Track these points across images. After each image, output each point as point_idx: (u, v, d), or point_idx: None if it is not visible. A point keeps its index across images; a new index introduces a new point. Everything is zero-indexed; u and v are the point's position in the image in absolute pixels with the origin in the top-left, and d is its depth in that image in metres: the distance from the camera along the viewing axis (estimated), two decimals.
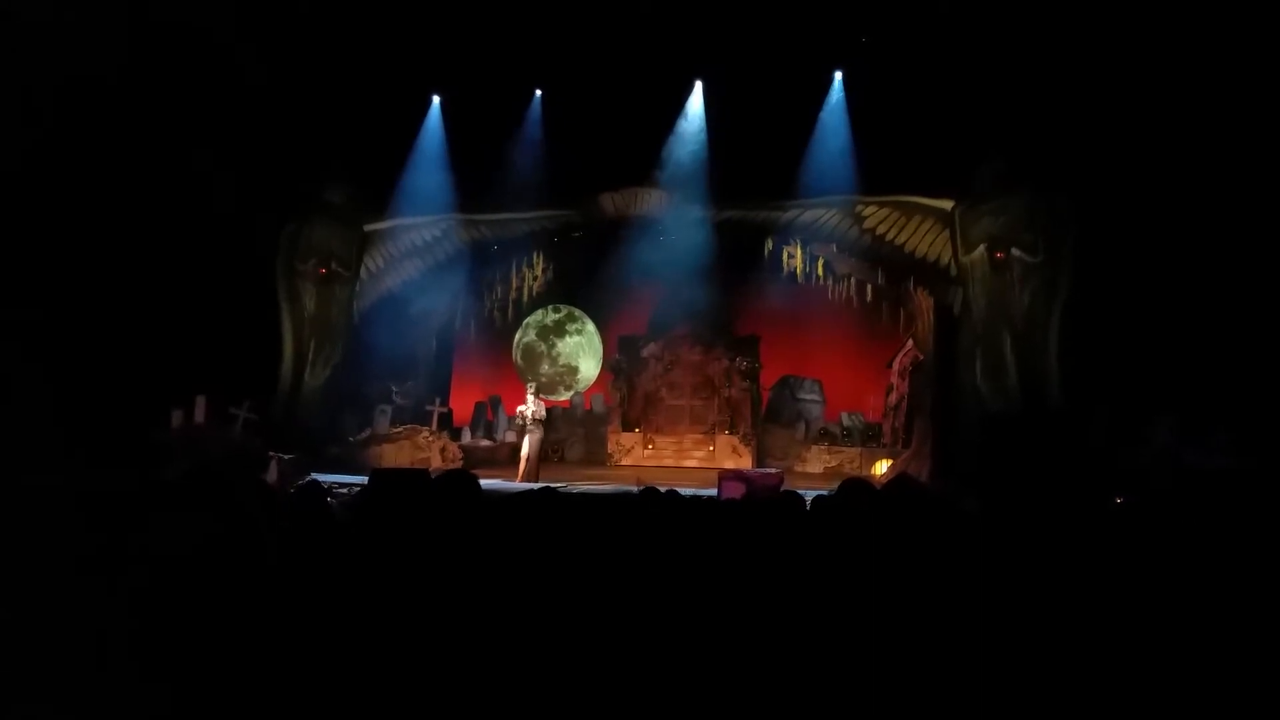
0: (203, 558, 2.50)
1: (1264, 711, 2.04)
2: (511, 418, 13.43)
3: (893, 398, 14.15)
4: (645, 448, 14.72)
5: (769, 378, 15.33)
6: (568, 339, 17.42)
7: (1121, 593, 2.40)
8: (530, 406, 11.79)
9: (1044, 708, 2.13)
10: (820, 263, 12.81)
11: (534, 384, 12.64)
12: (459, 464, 13.23)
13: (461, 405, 15.53)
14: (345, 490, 8.32)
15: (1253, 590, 2.34)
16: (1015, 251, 10.65)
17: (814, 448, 14.32)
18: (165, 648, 2.21)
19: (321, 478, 9.54)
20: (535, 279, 14.24)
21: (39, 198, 9.24)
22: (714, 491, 8.64)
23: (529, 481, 11.19)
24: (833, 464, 13.86)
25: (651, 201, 13.18)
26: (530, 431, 11.74)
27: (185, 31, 9.83)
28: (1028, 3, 10.03)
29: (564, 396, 16.85)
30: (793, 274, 12.96)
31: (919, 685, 2.16)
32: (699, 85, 12.66)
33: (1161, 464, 9.17)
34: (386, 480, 3.59)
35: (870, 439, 14.11)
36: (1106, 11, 9.56)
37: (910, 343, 13.21)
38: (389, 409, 13.80)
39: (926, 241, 11.71)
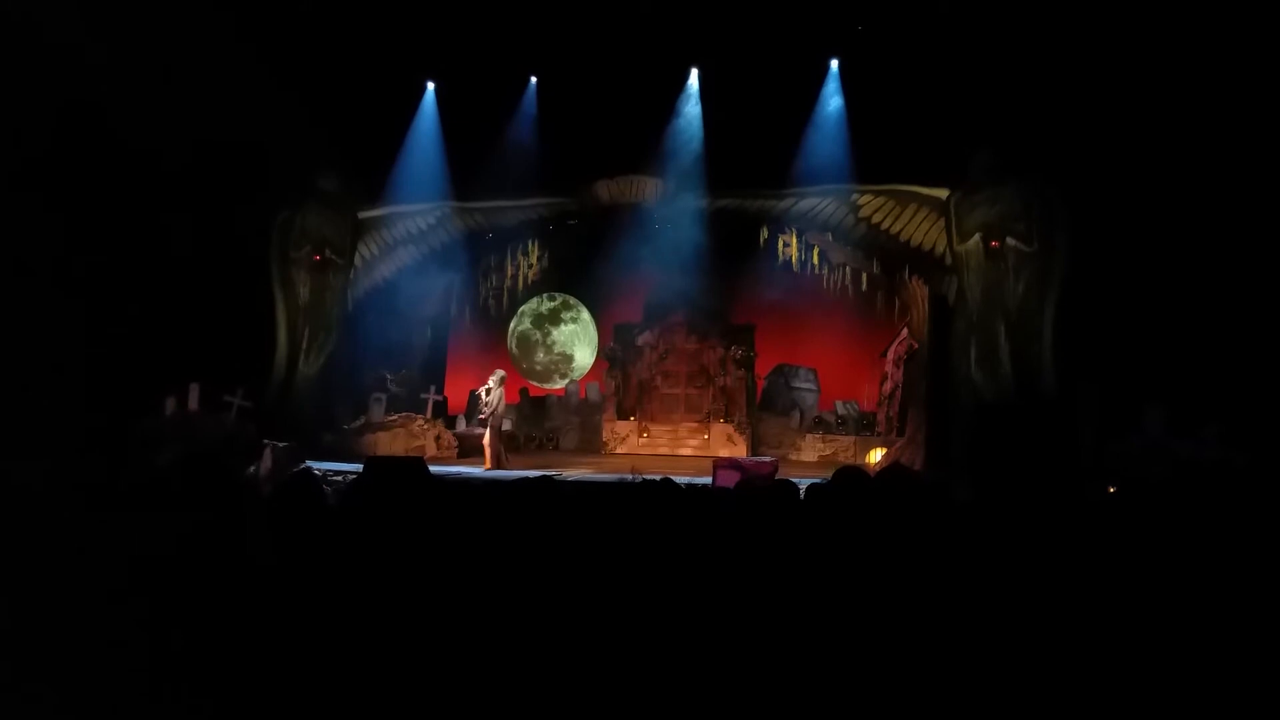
0: (194, 546, 2.50)
1: (1255, 703, 2.06)
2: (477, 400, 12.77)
3: (887, 386, 14.18)
4: (640, 436, 14.73)
5: (764, 366, 15.33)
6: (563, 327, 17.41)
7: (1111, 583, 2.42)
8: (489, 390, 11.46)
9: (1036, 697, 2.14)
10: (816, 251, 12.82)
11: (499, 373, 11.96)
12: (453, 452, 13.25)
13: (456, 393, 15.51)
14: (339, 478, 8.33)
15: (1243, 582, 2.35)
16: (1010, 240, 10.69)
17: (809, 436, 14.35)
18: (155, 640, 2.21)
19: (316, 466, 9.57)
20: (530, 267, 14.21)
21: (32, 190, 9.17)
22: (709, 480, 8.68)
23: (497, 469, 11.09)
24: (827, 452, 13.91)
25: (647, 189, 13.14)
26: (488, 421, 11.50)
27: (178, 18, 9.75)
28: None
29: (559, 384, 16.85)
30: (788, 262, 12.96)
31: (911, 674, 2.17)
32: (695, 73, 12.61)
33: (1152, 455, 9.23)
34: (381, 468, 3.60)
35: (865, 428, 14.15)
36: (1101, 2, 9.55)
37: (905, 331, 13.23)
38: (383, 397, 13.78)
39: (922, 230, 11.72)
